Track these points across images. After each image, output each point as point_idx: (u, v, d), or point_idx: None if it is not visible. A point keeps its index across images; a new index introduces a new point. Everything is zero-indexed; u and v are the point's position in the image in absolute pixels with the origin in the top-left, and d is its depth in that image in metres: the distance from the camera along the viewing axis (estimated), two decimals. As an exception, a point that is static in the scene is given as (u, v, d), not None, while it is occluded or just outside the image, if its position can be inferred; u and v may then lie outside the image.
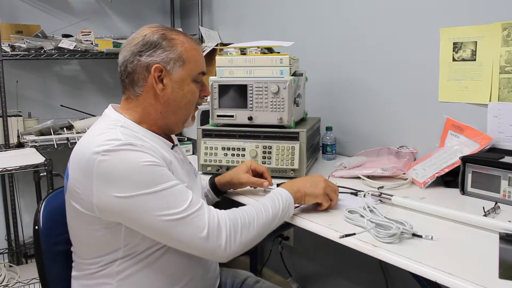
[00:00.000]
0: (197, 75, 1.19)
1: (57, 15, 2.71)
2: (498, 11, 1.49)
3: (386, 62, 1.85)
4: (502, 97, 1.51)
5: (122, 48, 1.17)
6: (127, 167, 1.00)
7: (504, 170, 1.32)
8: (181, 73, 1.14)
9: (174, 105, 1.16)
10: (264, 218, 1.12)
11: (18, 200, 2.61)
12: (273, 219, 1.15)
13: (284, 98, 1.63)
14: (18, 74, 2.58)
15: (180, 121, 1.21)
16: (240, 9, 2.60)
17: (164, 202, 1.01)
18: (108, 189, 1.00)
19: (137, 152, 1.02)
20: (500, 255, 0.98)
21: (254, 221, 1.09)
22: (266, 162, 1.62)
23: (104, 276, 1.10)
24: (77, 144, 1.10)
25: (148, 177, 1.01)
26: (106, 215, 1.03)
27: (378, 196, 1.35)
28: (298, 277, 2.41)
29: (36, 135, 2.36)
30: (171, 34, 1.15)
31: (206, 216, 1.03)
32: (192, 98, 1.20)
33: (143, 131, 1.14)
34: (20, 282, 2.27)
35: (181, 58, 1.14)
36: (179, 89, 1.15)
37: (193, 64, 1.17)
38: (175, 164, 1.14)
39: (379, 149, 1.83)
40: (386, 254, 1.01)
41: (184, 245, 1.04)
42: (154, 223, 1.01)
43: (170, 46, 1.13)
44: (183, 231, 1.01)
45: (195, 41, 1.20)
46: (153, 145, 1.09)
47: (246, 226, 1.07)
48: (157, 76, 1.12)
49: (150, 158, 1.03)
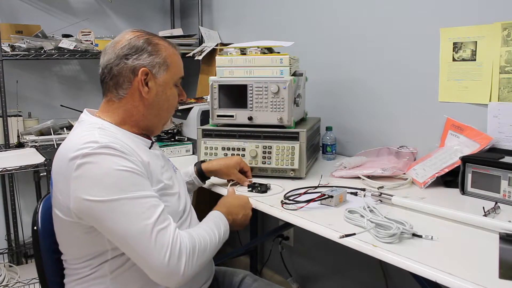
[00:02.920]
0: (177, 79, 1.24)
1: (57, 15, 2.71)
2: (498, 11, 1.49)
3: (386, 62, 1.85)
4: (502, 97, 1.51)
5: (104, 51, 1.18)
6: (100, 171, 1.00)
7: (504, 170, 1.32)
8: (165, 77, 1.18)
9: (157, 108, 1.19)
10: (215, 242, 1.15)
11: (18, 200, 2.61)
12: (219, 244, 1.18)
13: (284, 98, 1.63)
14: (18, 74, 2.58)
15: (161, 123, 1.25)
16: (240, 9, 2.60)
17: (131, 211, 0.99)
18: (80, 192, 1.00)
19: (113, 157, 1.02)
20: (500, 255, 0.98)
21: (207, 245, 1.10)
22: (266, 162, 1.62)
23: (98, 277, 1.10)
24: (57, 152, 1.11)
25: (120, 183, 1.00)
26: (83, 219, 1.04)
27: (378, 196, 1.35)
28: (298, 277, 2.41)
29: (36, 135, 2.37)
30: (154, 39, 1.19)
31: (170, 237, 1.00)
32: (173, 101, 1.24)
33: (122, 133, 1.15)
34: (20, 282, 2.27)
35: (165, 63, 1.18)
36: (163, 92, 1.19)
37: (175, 69, 1.21)
38: (154, 164, 1.15)
39: (379, 149, 1.83)
40: (386, 254, 1.01)
41: (141, 261, 1.01)
42: (117, 230, 0.99)
43: (155, 51, 1.16)
44: (143, 246, 0.98)
45: (175, 47, 1.24)
46: (131, 147, 1.09)
47: (202, 250, 1.07)
48: (143, 79, 1.15)
49: (126, 164, 1.03)
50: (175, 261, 0.99)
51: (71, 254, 1.15)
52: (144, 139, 1.21)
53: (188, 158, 2.09)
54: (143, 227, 0.98)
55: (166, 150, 2.07)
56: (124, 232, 0.99)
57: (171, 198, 1.17)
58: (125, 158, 1.03)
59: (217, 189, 1.58)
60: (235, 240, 2.70)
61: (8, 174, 2.50)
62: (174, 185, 1.22)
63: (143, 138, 1.21)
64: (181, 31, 2.95)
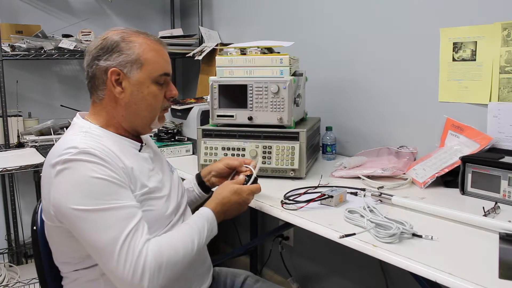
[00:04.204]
0: (157, 77, 1.16)
1: (57, 15, 2.71)
2: (498, 11, 1.49)
3: (386, 62, 1.85)
4: (502, 97, 1.51)
5: (85, 52, 1.18)
6: (76, 179, 1.00)
7: (504, 170, 1.32)
8: (139, 75, 1.13)
9: (135, 108, 1.15)
10: (190, 253, 1.08)
11: (18, 200, 2.61)
12: (199, 249, 1.12)
13: (284, 98, 1.63)
14: (18, 74, 2.59)
15: (144, 123, 1.19)
16: (240, 9, 2.60)
17: (101, 223, 0.98)
18: (58, 197, 1.01)
19: (90, 163, 1.01)
20: (500, 255, 0.98)
21: (180, 257, 1.05)
22: (266, 162, 1.62)
23: (90, 280, 1.10)
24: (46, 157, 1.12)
25: (95, 192, 0.99)
26: (63, 223, 1.04)
27: (378, 196, 1.35)
28: (298, 277, 2.41)
29: (36, 135, 2.37)
30: (130, 36, 1.14)
31: (135, 253, 0.97)
32: (153, 101, 1.17)
33: (108, 135, 1.14)
34: (20, 282, 2.27)
35: (138, 61, 1.12)
36: (138, 91, 1.14)
37: (152, 66, 1.15)
38: (139, 168, 1.13)
39: (379, 149, 1.83)
40: (386, 254, 1.01)
41: (107, 272, 1.00)
42: (86, 239, 0.99)
43: (127, 49, 1.12)
44: (107, 259, 0.97)
45: (157, 42, 1.18)
46: (114, 152, 1.07)
47: (172, 263, 1.03)
48: (114, 80, 1.12)
49: (103, 171, 1.01)
50: (138, 278, 0.96)
51: (61, 258, 1.15)
52: (132, 141, 1.19)
53: (188, 158, 2.09)
54: (110, 241, 0.97)
55: (166, 150, 2.07)
56: (92, 242, 0.99)
57: (157, 201, 1.14)
58: (102, 165, 1.02)
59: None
60: (235, 240, 2.70)
61: (8, 174, 2.50)
62: (164, 187, 1.19)
63: (131, 140, 1.19)
64: (181, 31, 2.95)
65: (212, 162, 1.66)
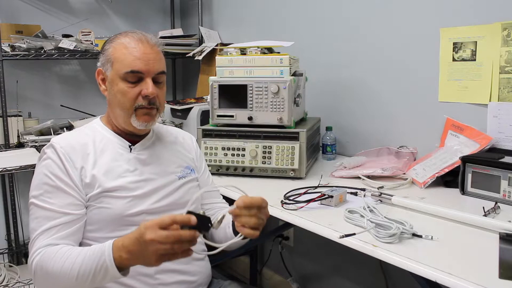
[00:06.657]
0: (124, 74, 1.13)
1: (57, 15, 2.71)
2: (498, 11, 1.49)
3: (386, 62, 1.85)
4: (502, 97, 1.51)
5: None
6: (36, 171, 1.14)
7: (504, 170, 1.32)
8: (111, 73, 1.18)
9: (111, 105, 1.20)
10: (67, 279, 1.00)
11: (18, 200, 2.61)
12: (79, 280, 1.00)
13: (284, 98, 1.63)
14: (18, 74, 2.58)
15: (123, 121, 1.18)
16: (240, 9, 2.60)
17: (33, 211, 1.11)
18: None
19: (47, 160, 1.13)
20: (500, 255, 0.98)
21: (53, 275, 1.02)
22: (266, 162, 1.62)
23: None
24: None
25: (40, 187, 1.11)
26: None
27: (378, 196, 1.35)
28: (298, 277, 2.41)
29: (36, 135, 2.36)
30: (116, 37, 1.19)
31: (34, 250, 1.06)
32: (122, 98, 1.14)
33: (104, 131, 1.22)
34: (20, 282, 2.27)
35: (110, 59, 1.17)
36: (111, 89, 1.18)
37: (119, 63, 1.15)
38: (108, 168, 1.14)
39: (379, 149, 1.83)
40: (386, 254, 1.01)
41: None
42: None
43: (107, 49, 1.19)
44: (31, 240, 1.10)
45: (137, 40, 1.15)
46: (90, 150, 1.16)
47: (42, 275, 1.04)
48: (100, 79, 1.22)
49: (54, 170, 1.11)
50: (32, 270, 1.06)
51: None
52: (123, 140, 1.20)
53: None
54: (32, 230, 1.10)
55: (166, 150, 2.07)
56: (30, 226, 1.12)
57: (117, 201, 1.12)
58: (55, 163, 1.12)
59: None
60: (235, 240, 2.69)
61: (8, 174, 2.50)
62: (138, 188, 1.15)
63: (122, 139, 1.21)
64: (181, 31, 2.95)
65: (212, 162, 1.67)
